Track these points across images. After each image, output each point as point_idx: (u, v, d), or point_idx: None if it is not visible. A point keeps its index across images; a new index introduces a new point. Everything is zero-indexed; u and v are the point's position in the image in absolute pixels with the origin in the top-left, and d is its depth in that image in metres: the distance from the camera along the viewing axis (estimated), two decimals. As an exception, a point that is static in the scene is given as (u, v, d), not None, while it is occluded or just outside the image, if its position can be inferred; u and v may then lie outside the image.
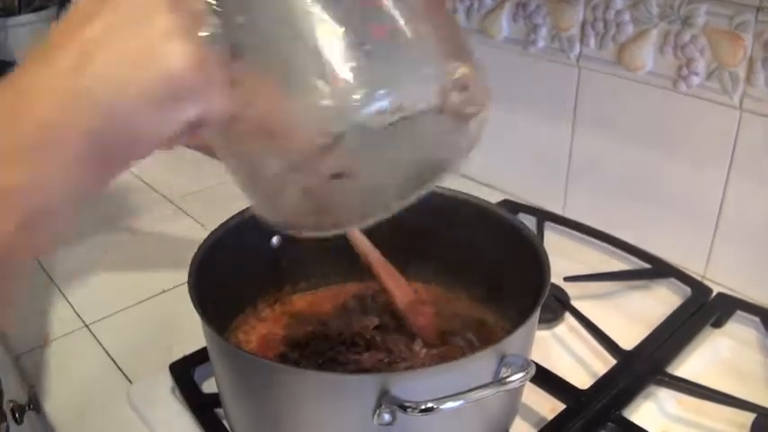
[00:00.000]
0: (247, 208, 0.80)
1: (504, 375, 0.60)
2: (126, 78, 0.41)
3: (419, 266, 0.90)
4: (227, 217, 0.80)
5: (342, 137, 0.42)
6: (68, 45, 0.42)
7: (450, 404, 0.56)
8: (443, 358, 0.75)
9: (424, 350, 0.76)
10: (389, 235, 0.87)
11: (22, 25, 1.60)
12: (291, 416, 0.64)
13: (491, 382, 0.59)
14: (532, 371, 0.60)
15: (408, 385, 0.58)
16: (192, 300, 0.66)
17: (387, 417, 0.58)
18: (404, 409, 0.56)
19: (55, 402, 0.81)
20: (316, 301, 0.89)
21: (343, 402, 0.61)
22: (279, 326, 0.85)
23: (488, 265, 0.83)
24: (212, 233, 0.77)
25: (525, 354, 0.67)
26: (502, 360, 0.61)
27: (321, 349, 0.77)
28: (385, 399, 0.58)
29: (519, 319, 0.65)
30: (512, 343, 0.62)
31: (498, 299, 0.84)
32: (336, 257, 0.87)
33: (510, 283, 0.79)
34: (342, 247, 0.84)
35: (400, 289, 0.81)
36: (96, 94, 0.41)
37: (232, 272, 0.80)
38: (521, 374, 0.59)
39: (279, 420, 0.66)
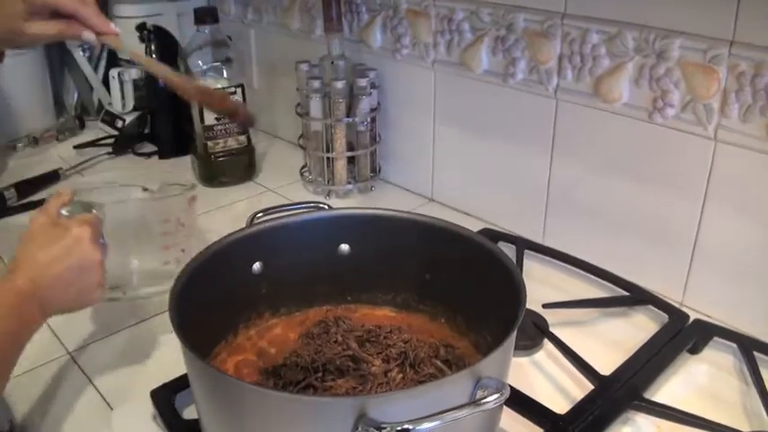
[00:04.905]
0: (228, 235, 0.82)
1: (480, 397, 0.61)
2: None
3: (400, 293, 0.91)
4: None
5: None
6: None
7: (426, 425, 0.57)
8: (419, 383, 0.76)
9: (400, 375, 0.76)
10: (372, 262, 0.89)
11: (7, 56, 1.61)
12: (270, 439, 0.64)
13: (466, 404, 0.60)
14: (507, 393, 0.60)
15: (385, 408, 0.59)
16: (173, 324, 0.66)
17: (364, 439, 0.58)
18: (380, 430, 0.56)
19: (37, 429, 0.81)
20: (284, 328, 0.90)
21: (321, 425, 0.61)
22: (252, 354, 0.85)
23: (468, 292, 0.84)
24: (193, 259, 0.78)
25: (501, 377, 0.68)
26: (477, 382, 0.62)
27: (295, 378, 0.77)
28: (362, 421, 0.58)
29: (496, 343, 0.66)
30: (487, 366, 0.63)
31: (477, 325, 0.85)
32: (309, 282, 0.89)
33: (489, 309, 0.80)
34: (312, 272, 0.85)
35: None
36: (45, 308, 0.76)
37: (213, 298, 0.81)
38: (496, 396, 0.59)
39: (257, 444, 0.66)
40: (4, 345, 0.70)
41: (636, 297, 1.00)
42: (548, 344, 0.91)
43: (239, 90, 1.39)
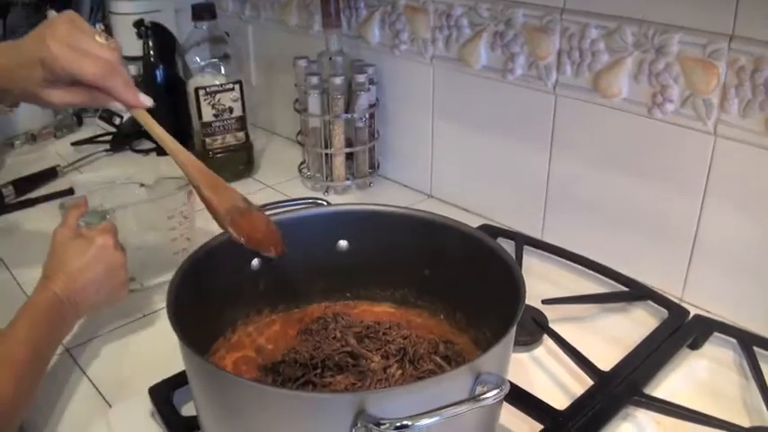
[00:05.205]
0: (226, 231, 0.82)
1: (479, 393, 0.61)
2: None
3: (399, 289, 0.91)
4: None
5: None
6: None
7: (425, 421, 0.57)
8: (418, 379, 0.75)
9: (399, 371, 0.76)
10: (371, 258, 0.89)
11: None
12: (269, 436, 0.64)
13: (466, 399, 0.59)
14: (506, 388, 0.60)
15: (384, 403, 0.59)
16: (171, 321, 0.66)
17: (363, 435, 0.58)
18: (379, 425, 0.56)
19: (35, 427, 0.80)
20: (282, 325, 0.90)
21: (320, 421, 0.61)
22: (251, 350, 0.85)
23: (467, 288, 0.84)
24: (191, 255, 0.78)
25: (501, 372, 0.67)
26: (477, 378, 0.62)
27: (294, 375, 0.77)
28: (361, 417, 0.58)
29: (495, 338, 0.65)
30: (487, 361, 0.63)
31: (477, 321, 0.84)
32: (308, 278, 0.89)
33: (489, 305, 0.79)
34: (311, 268, 0.85)
35: (219, 197, 0.80)
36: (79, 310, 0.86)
37: (211, 294, 0.80)
38: (495, 391, 0.59)
39: (256, 440, 0.66)
40: (40, 342, 0.79)
41: (635, 293, 1.00)
42: (547, 340, 0.91)
43: (237, 86, 1.38)
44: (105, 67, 0.81)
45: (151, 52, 1.49)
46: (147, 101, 0.84)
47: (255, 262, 0.86)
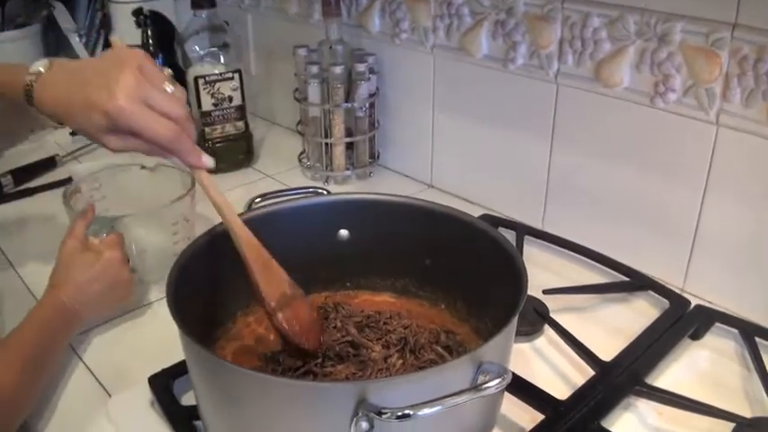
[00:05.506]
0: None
1: (481, 382, 0.60)
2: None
3: (400, 279, 0.91)
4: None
5: None
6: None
7: (426, 410, 0.56)
8: (419, 369, 0.75)
9: (400, 361, 0.76)
10: (371, 248, 0.89)
11: (3, 42, 1.60)
12: (269, 425, 0.64)
13: (468, 389, 0.59)
14: (509, 378, 0.60)
15: (386, 393, 0.58)
16: (171, 310, 0.66)
17: (364, 425, 0.58)
18: (380, 415, 0.56)
19: (34, 416, 0.80)
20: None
21: (321, 411, 0.61)
22: (251, 340, 0.85)
23: (468, 278, 0.84)
24: (191, 245, 0.78)
25: (503, 362, 0.67)
26: (479, 368, 0.62)
27: (294, 364, 0.77)
28: (362, 406, 0.57)
29: (497, 328, 0.65)
30: (489, 350, 0.62)
31: (478, 311, 0.84)
32: (307, 268, 0.87)
33: (490, 294, 0.79)
34: (311, 258, 0.85)
35: (272, 282, 0.77)
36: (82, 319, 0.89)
37: (211, 284, 0.80)
38: (497, 381, 0.59)
39: (256, 430, 0.66)
40: (45, 341, 0.81)
41: (636, 283, 1.00)
42: (548, 330, 0.91)
43: (236, 75, 1.38)
44: (174, 131, 0.75)
45: (150, 41, 1.49)
46: (209, 162, 0.79)
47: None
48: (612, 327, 0.93)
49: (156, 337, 0.93)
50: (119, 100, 0.73)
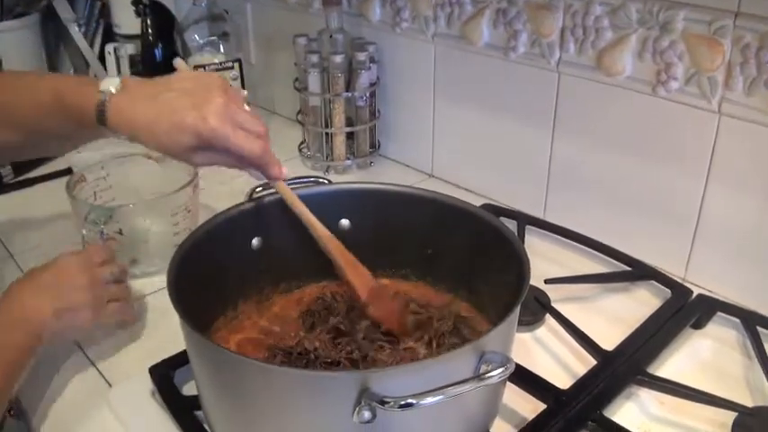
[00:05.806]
0: (227, 210, 0.81)
1: (484, 371, 0.60)
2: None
3: (401, 268, 0.91)
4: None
5: None
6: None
7: (429, 399, 0.56)
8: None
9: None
10: (372, 237, 0.88)
11: (2, 32, 1.59)
12: (271, 415, 0.64)
13: (470, 378, 0.59)
14: (512, 367, 0.60)
15: (388, 382, 0.58)
16: (172, 299, 0.66)
17: (367, 414, 0.58)
18: (383, 404, 0.56)
19: (35, 407, 0.80)
20: (283, 307, 0.89)
21: (323, 400, 0.61)
22: (254, 332, 0.85)
23: (470, 267, 0.84)
24: (192, 234, 0.77)
25: (505, 351, 0.67)
26: (481, 357, 0.62)
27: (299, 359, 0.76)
28: (365, 396, 0.58)
29: (499, 317, 0.65)
30: (491, 340, 0.62)
31: (481, 300, 0.84)
32: (308, 257, 0.87)
33: (491, 284, 0.79)
34: (312, 247, 0.85)
35: (360, 278, 0.82)
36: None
37: (212, 273, 0.80)
38: (500, 370, 0.59)
39: (258, 420, 0.65)
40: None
41: (638, 272, 1.00)
42: (550, 319, 0.91)
43: (236, 65, 1.37)
44: (262, 146, 0.82)
45: (149, 30, 1.48)
46: (286, 172, 0.85)
47: (256, 241, 0.86)
48: (614, 316, 0.93)
49: (156, 326, 0.93)
50: (211, 122, 0.77)
